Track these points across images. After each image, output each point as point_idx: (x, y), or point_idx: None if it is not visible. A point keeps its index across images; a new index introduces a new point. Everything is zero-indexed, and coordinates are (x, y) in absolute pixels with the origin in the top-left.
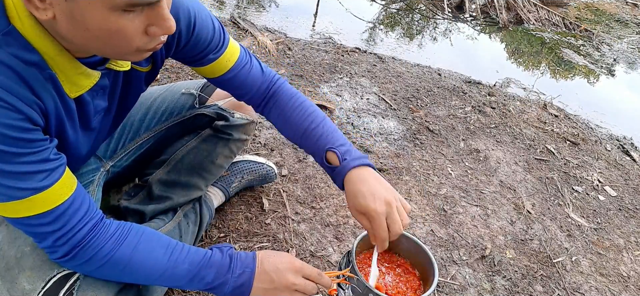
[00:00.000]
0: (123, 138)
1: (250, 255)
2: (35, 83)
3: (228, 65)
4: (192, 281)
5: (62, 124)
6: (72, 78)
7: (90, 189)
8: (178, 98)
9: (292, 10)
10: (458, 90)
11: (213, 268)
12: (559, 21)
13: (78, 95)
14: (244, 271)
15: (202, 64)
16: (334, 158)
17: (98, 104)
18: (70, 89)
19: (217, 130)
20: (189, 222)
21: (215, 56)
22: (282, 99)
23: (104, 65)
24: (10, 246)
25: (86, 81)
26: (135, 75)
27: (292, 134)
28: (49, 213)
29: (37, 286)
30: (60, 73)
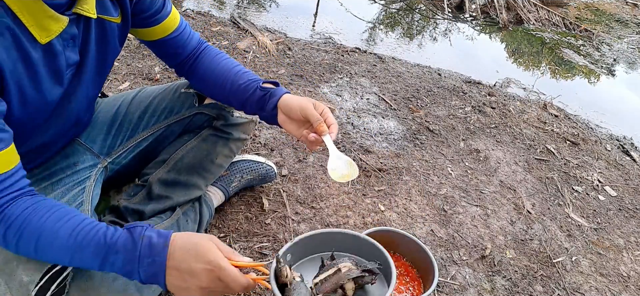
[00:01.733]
0: (121, 135)
1: (161, 241)
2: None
3: (173, 25)
4: (104, 266)
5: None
6: (41, 21)
7: (87, 184)
8: (177, 97)
9: (292, 10)
10: (458, 90)
11: (120, 254)
12: (559, 21)
13: (49, 39)
14: (153, 261)
15: (154, 22)
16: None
17: (69, 56)
18: (40, 34)
19: (217, 129)
20: (188, 220)
21: (166, 13)
22: (209, 55)
23: (70, 9)
24: None
25: (55, 25)
26: (108, 28)
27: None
28: None
29: (35, 278)
30: (29, 16)
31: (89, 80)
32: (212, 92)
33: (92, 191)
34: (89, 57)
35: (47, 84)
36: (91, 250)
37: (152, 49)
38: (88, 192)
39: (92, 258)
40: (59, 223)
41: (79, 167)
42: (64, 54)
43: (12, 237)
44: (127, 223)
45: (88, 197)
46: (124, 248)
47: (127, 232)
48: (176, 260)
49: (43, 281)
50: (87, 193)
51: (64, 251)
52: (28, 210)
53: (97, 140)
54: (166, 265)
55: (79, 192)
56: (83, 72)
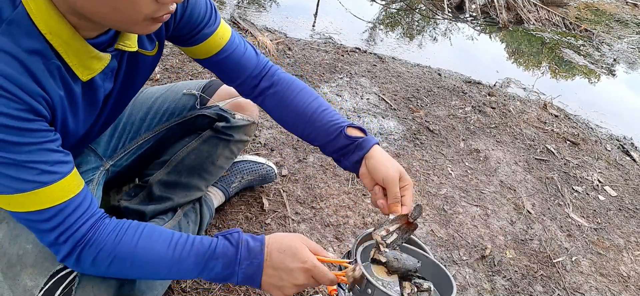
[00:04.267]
0: (123, 138)
1: (258, 244)
2: (39, 73)
3: (222, 42)
4: (202, 273)
5: (64, 114)
6: (85, 62)
7: (90, 187)
8: (179, 98)
9: (292, 10)
10: (458, 90)
11: (219, 260)
12: (559, 21)
13: (91, 77)
14: (251, 263)
15: (197, 40)
16: (356, 131)
17: (107, 87)
18: (82, 73)
19: (218, 131)
20: (189, 221)
21: (210, 31)
22: (282, 84)
23: (113, 46)
24: (11, 244)
25: (98, 64)
26: (141, 59)
27: (295, 117)
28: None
29: (39, 282)
30: (73, 57)
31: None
32: (286, 126)
33: (95, 193)
34: (118, 86)
35: (83, 116)
36: (192, 260)
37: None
38: None
39: (193, 268)
40: (152, 240)
41: (83, 169)
42: (103, 86)
43: (104, 260)
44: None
45: None
46: (223, 254)
47: (224, 239)
48: (273, 261)
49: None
50: None
51: (163, 265)
52: (118, 233)
53: (101, 142)
54: (263, 266)
55: None
56: (110, 99)
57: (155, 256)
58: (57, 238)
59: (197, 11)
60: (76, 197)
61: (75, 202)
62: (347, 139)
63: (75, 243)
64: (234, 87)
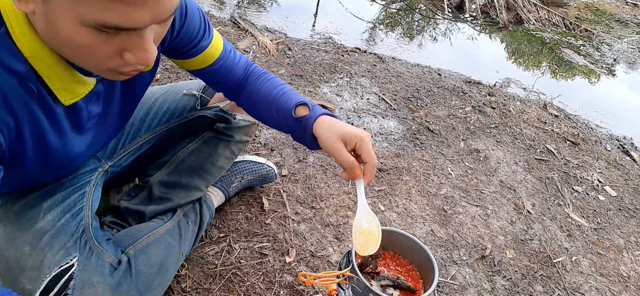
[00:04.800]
0: (123, 139)
1: None
2: (10, 93)
3: (216, 53)
4: None
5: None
6: (67, 86)
7: (87, 189)
8: (179, 99)
9: (292, 10)
10: (458, 90)
11: None
12: (559, 21)
13: (74, 101)
14: None
15: (194, 54)
16: (303, 109)
17: (92, 110)
18: (65, 97)
19: (218, 132)
20: (188, 222)
21: (206, 43)
22: (253, 78)
23: None
24: (9, 247)
25: (82, 88)
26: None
27: (263, 109)
28: None
29: (37, 285)
30: (56, 80)
31: (111, 126)
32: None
33: (91, 195)
34: (113, 107)
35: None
36: None
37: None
38: (88, 197)
39: None
40: None
41: (80, 171)
42: (86, 109)
43: None
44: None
45: (88, 202)
46: None
47: None
48: None
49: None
50: (87, 198)
51: None
52: None
53: (107, 144)
54: None
55: (78, 197)
56: (106, 120)
57: None
58: None
59: (192, 26)
60: None
61: None
62: (296, 121)
63: None
64: (222, 92)
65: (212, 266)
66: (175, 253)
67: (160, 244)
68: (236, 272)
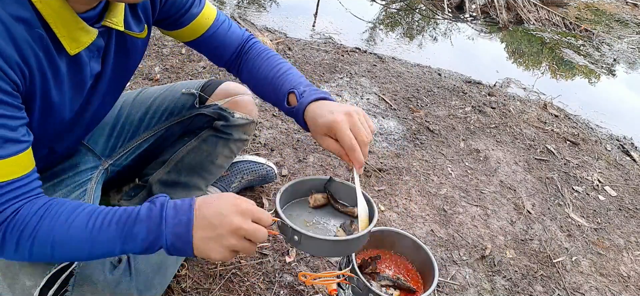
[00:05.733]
0: (122, 137)
1: (186, 202)
2: (21, 41)
3: (208, 22)
4: (126, 243)
5: (46, 85)
6: (73, 33)
7: (88, 187)
8: (178, 98)
9: (292, 10)
10: (458, 90)
11: (144, 223)
12: (559, 21)
13: (78, 51)
14: (179, 221)
15: (184, 22)
16: (293, 99)
17: (93, 67)
18: (70, 45)
19: (217, 130)
20: None
21: (196, 11)
22: (253, 54)
23: (100, 22)
24: None
25: (85, 37)
26: (130, 41)
27: (260, 85)
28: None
29: (38, 282)
30: (62, 27)
31: (106, 92)
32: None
33: (93, 193)
34: (109, 69)
35: (70, 94)
36: (113, 228)
37: (193, 48)
38: (89, 194)
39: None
40: (74, 214)
41: (81, 168)
42: (89, 65)
43: (25, 242)
44: None
45: (89, 199)
46: (147, 216)
47: (148, 202)
48: (203, 212)
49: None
50: (89, 196)
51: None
52: (41, 210)
53: (99, 142)
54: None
55: (80, 194)
56: (101, 83)
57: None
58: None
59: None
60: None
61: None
62: (289, 111)
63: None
64: (223, 65)
65: (212, 266)
66: None
67: None
68: (236, 272)
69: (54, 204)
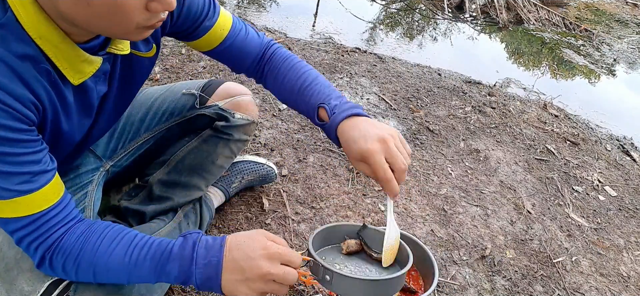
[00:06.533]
0: (123, 138)
1: (217, 242)
2: (30, 78)
3: (223, 33)
4: (160, 278)
5: (57, 117)
6: (76, 65)
7: (89, 189)
8: (179, 98)
9: (292, 10)
10: (458, 90)
11: (176, 261)
12: (559, 21)
13: (82, 81)
14: (209, 262)
15: (198, 35)
16: (324, 114)
17: (100, 90)
18: (73, 77)
19: (218, 131)
20: (189, 222)
21: (210, 24)
22: (276, 62)
23: (104, 49)
24: (10, 247)
25: (89, 67)
26: (136, 61)
27: (287, 96)
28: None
29: (37, 287)
30: (64, 61)
31: (112, 110)
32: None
33: (94, 195)
34: (115, 88)
35: (78, 119)
36: (147, 264)
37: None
38: (90, 197)
39: (149, 272)
40: (113, 245)
41: (82, 170)
42: (96, 89)
43: (71, 267)
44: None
45: (90, 201)
46: (179, 256)
47: (181, 239)
48: (233, 255)
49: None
50: (90, 198)
51: (122, 271)
52: (81, 238)
53: (100, 144)
54: (223, 263)
55: (81, 196)
56: (108, 102)
57: (113, 262)
58: (28, 246)
59: (194, 7)
60: (54, 207)
61: (52, 211)
62: (319, 125)
63: (44, 251)
64: (243, 73)
65: None
66: None
67: None
68: None
69: (93, 233)
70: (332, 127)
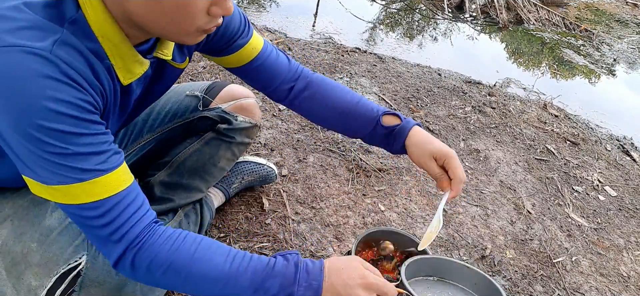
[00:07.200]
0: (126, 139)
1: (317, 266)
2: (98, 68)
3: (255, 52)
4: (256, 292)
5: (109, 111)
6: (128, 65)
7: None
8: (182, 100)
9: (292, 10)
10: (458, 90)
11: (277, 279)
12: (559, 21)
13: (130, 82)
14: (310, 285)
15: (231, 51)
16: (393, 119)
17: (136, 92)
18: (124, 76)
19: (220, 133)
20: (189, 222)
21: (244, 41)
22: (316, 85)
23: (152, 53)
24: (16, 242)
25: (139, 68)
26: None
27: (335, 114)
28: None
29: (44, 282)
30: (119, 60)
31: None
32: (325, 124)
33: None
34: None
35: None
36: (248, 276)
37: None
38: None
39: (249, 285)
40: (210, 251)
41: None
42: (136, 92)
43: (159, 268)
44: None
45: None
46: (282, 273)
47: (283, 258)
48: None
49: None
50: None
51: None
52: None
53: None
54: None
55: None
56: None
57: (212, 269)
58: (111, 235)
59: (232, 25)
60: (129, 189)
61: (130, 195)
62: (384, 129)
63: (128, 244)
64: (267, 93)
65: None
66: None
67: None
68: None
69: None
70: (406, 128)
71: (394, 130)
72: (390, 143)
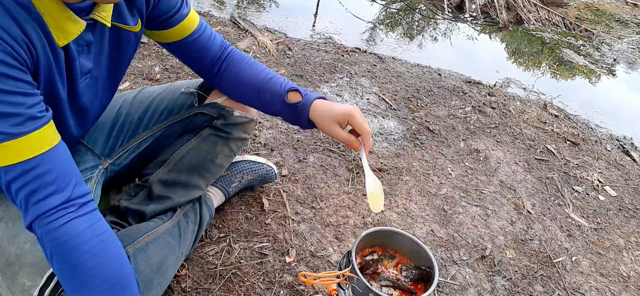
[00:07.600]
0: (122, 137)
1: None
2: (24, 22)
3: (192, 26)
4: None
5: (51, 74)
6: (59, 22)
7: (88, 186)
8: (177, 97)
9: (292, 10)
10: (458, 90)
11: None
12: (559, 21)
13: (66, 43)
14: None
15: (172, 23)
16: (296, 95)
17: (83, 64)
18: (58, 36)
19: (217, 129)
20: (188, 221)
21: (184, 13)
22: (234, 60)
23: (89, 15)
24: (10, 243)
25: (73, 27)
26: (124, 36)
27: (248, 91)
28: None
29: (37, 282)
30: (49, 16)
31: (103, 89)
32: (243, 101)
33: (93, 193)
34: (103, 66)
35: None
36: None
37: (172, 52)
38: None
39: None
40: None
41: (80, 168)
42: (79, 60)
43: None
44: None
45: None
46: None
47: None
48: None
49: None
50: None
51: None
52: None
53: (99, 142)
54: None
55: None
56: (97, 81)
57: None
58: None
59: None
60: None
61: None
62: (289, 106)
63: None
64: (196, 70)
65: (212, 266)
66: (175, 253)
67: (159, 243)
68: (236, 272)
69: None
70: (306, 102)
71: (297, 106)
72: (298, 119)
